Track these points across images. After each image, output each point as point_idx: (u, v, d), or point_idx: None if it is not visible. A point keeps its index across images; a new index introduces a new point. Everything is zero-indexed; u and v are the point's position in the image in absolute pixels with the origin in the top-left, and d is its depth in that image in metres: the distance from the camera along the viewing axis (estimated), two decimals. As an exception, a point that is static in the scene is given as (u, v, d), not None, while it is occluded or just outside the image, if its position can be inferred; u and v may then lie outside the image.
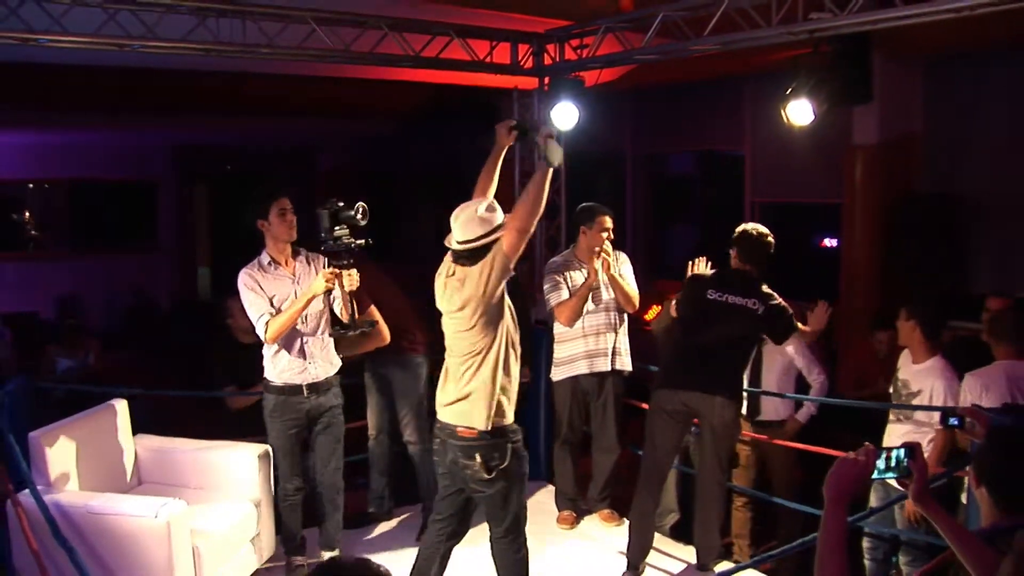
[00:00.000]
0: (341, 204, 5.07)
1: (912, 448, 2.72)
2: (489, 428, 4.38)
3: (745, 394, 6.49)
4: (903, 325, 5.74)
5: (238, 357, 6.65)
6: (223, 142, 14.48)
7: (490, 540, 4.70)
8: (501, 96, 8.85)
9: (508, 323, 4.46)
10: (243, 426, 6.30)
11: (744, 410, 6.54)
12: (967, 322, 7.20)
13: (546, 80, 7.68)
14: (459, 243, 4.39)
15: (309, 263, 5.35)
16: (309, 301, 5.09)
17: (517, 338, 4.56)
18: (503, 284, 4.35)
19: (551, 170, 4.32)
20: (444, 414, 4.54)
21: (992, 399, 5.15)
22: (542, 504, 6.63)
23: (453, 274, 4.47)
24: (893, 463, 2.69)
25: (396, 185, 14.72)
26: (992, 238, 8.66)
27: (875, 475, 2.62)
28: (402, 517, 6.62)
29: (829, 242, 10.77)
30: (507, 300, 4.47)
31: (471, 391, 4.41)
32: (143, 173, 14.24)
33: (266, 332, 5.09)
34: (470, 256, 4.37)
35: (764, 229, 5.58)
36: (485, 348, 4.39)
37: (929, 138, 9.06)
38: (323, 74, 8.66)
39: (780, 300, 5.48)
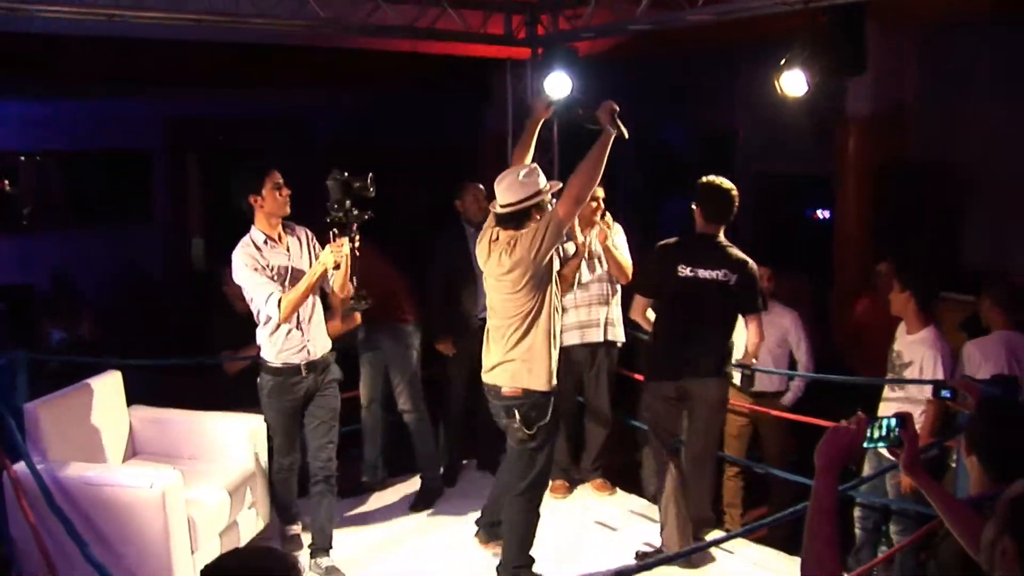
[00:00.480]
0: (347, 175, 4.95)
1: (903, 418, 2.72)
2: (548, 388, 4.68)
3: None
4: (897, 296, 5.75)
5: (235, 323, 6.70)
6: (216, 113, 14.39)
7: (509, 497, 4.96)
8: (494, 67, 8.84)
9: (553, 288, 4.66)
10: (240, 394, 6.34)
11: (738, 380, 6.59)
12: (959, 293, 7.22)
13: (539, 51, 7.67)
14: (501, 207, 4.64)
15: (299, 236, 5.21)
16: (321, 276, 4.95)
17: (559, 304, 4.80)
18: (553, 250, 4.56)
19: (612, 137, 4.46)
20: (490, 376, 4.80)
21: (991, 368, 5.20)
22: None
23: (497, 238, 4.68)
24: (884, 432, 2.69)
25: (389, 157, 14.70)
26: (984, 209, 8.68)
27: (866, 444, 2.61)
28: (396, 486, 6.67)
29: (821, 213, 10.78)
30: (554, 265, 4.68)
31: (521, 354, 4.65)
32: (136, 144, 14.16)
33: (279, 311, 4.87)
34: (513, 219, 4.61)
35: (728, 183, 5.35)
36: (533, 311, 4.61)
37: (922, 109, 9.05)
38: (317, 45, 8.62)
39: (752, 266, 5.33)
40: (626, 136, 4.48)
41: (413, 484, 6.56)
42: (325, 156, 14.89)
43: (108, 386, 5.49)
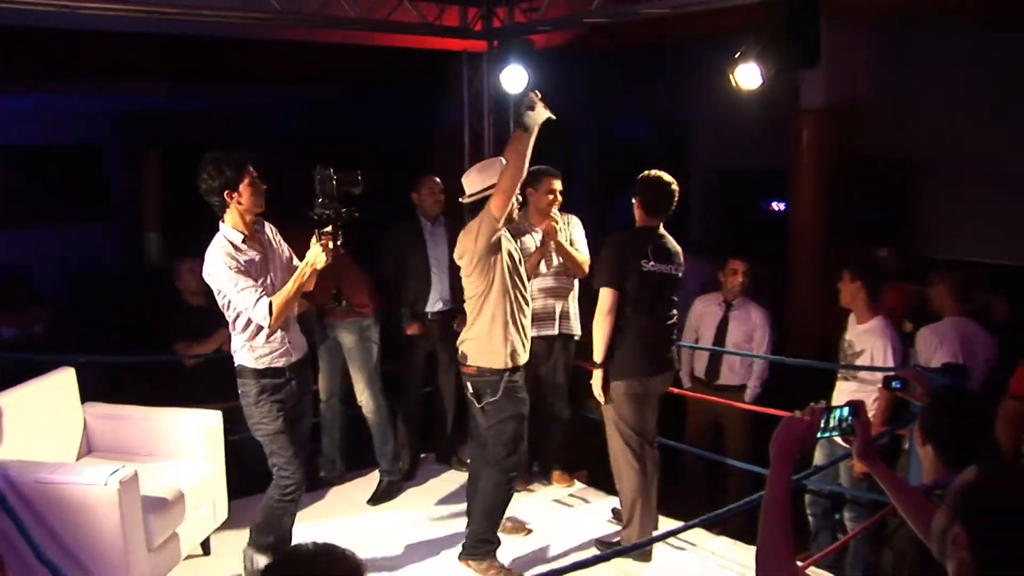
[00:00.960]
0: (333, 170, 4.82)
1: (856, 406, 2.77)
2: (502, 366, 4.96)
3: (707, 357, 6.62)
4: (848, 287, 5.84)
5: (191, 316, 6.77)
6: (170, 107, 14.29)
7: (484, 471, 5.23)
8: (450, 60, 8.81)
9: (506, 275, 4.92)
10: (196, 390, 6.31)
11: (703, 373, 6.64)
12: (913, 284, 7.31)
13: (495, 43, 7.66)
14: (464, 197, 5.10)
15: (267, 232, 4.93)
16: (310, 276, 4.75)
17: (525, 291, 5.09)
18: (491, 239, 4.80)
19: (526, 133, 4.63)
20: (459, 353, 5.14)
21: (946, 352, 5.30)
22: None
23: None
24: (837, 421, 2.74)
25: (343, 150, 14.60)
26: (936, 200, 8.78)
27: (820, 434, 2.64)
28: (355, 481, 6.66)
29: (777, 206, 10.86)
30: (504, 254, 4.92)
31: (476, 332, 5.00)
32: (89, 139, 14.02)
33: (270, 316, 4.59)
34: (473, 208, 5.01)
35: (668, 176, 5.31)
36: (485, 293, 4.93)
37: (875, 102, 9.14)
38: (271, 38, 8.56)
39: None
40: (527, 127, 4.60)
41: (372, 479, 6.53)
42: (278, 150, 14.84)
43: (61, 383, 5.43)
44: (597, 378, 5.35)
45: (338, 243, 4.77)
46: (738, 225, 10.90)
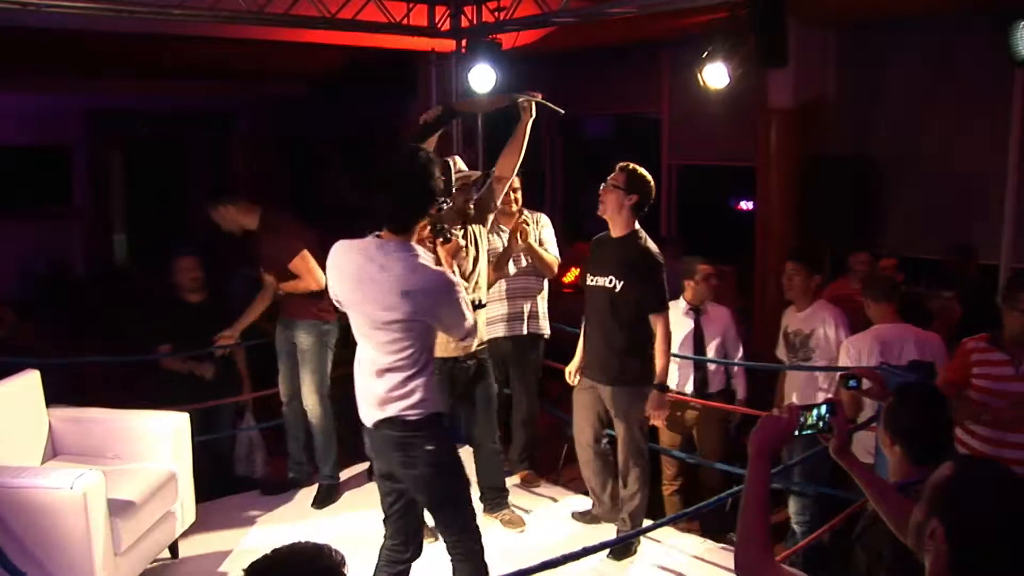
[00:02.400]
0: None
1: (833, 405, 2.83)
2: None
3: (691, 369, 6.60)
4: (807, 279, 6.00)
5: (171, 317, 6.80)
6: (138, 106, 14.18)
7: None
8: (418, 60, 8.81)
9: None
10: (165, 392, 6.29)
11: (691, 384, 6.60)
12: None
13: (463, 43, 7.65)
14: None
15: None
16: None
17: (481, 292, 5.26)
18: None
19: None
20: None
21: (868, 364, 5.31)
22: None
23: None
24: (815, 419, 2.79)
25: (311, 150, 14.60)
26: (901, 200, 8.85)
27: (798, 432, 2.70)
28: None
29: (744, 205, 10.91)
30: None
31: None
32: (56, 137, 13.89)
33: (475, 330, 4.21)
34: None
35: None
36: None
37: (841, 102, 9.21)
38: (238, 36, 8.51)
39: None
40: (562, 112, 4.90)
41: (342, 477, 6.56)
42: (246, 149, 14.80)
43: (26, 386, 5.36)
44: (661, 403, 5.27)
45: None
46: (705, 224, 10.95)
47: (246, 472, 7.14)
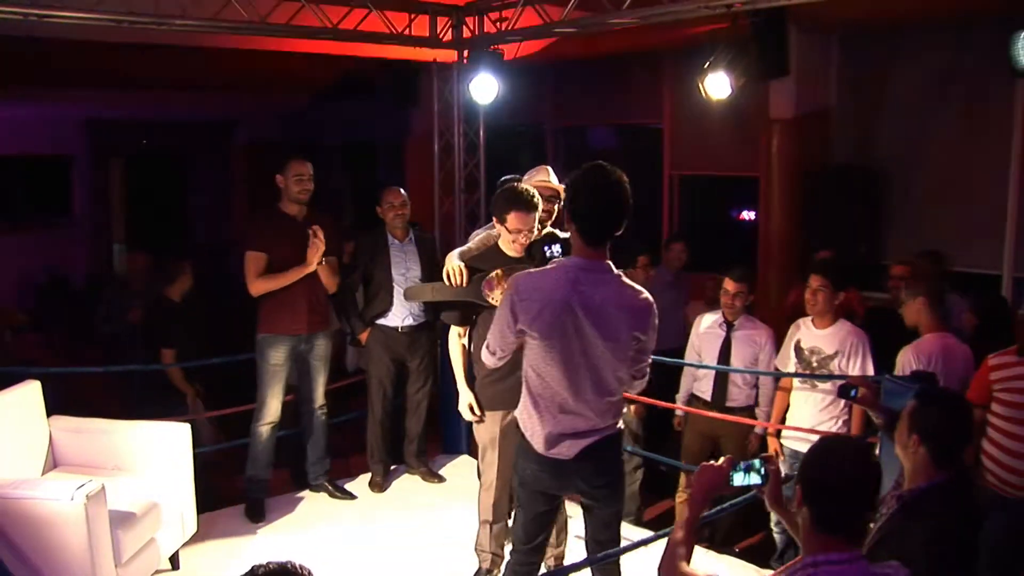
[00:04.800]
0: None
1: (767, 458, 2.97)
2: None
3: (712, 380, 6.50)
4: (830, 295, 5.82)
5: (173, 323, 6.90)
6: (138, 116, 14.20)
7: None
8: (420, 70, 8.80)
9: None
10: (166, 402, 6.30)
11: (709, 396, 6.50)
12: (882, 293, 7.36)
13: (465, 53, 7.66)
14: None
15: None
16: None
17: None
18: None
19: None
20: None
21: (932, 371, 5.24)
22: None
23: None
24: (748, 468, 2.93)
25: (315, 160, 14.56)
26: (905, 209, 8.83)
27: (734, 483, 2.90)
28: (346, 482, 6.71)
29: (747, 215, 10.89)
30: None
31: None
32: (56, 147, 13.91)
33: None
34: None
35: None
36: None
37: (843, 111, 9.20)
38: (240, 47, 8.51)
39: None
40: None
41: (360, 481, 6.73)
42: (248, 159, 14.82)
43: (26, 396, 5.34)
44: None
45: None
46: (708, 234, 10.93)
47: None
